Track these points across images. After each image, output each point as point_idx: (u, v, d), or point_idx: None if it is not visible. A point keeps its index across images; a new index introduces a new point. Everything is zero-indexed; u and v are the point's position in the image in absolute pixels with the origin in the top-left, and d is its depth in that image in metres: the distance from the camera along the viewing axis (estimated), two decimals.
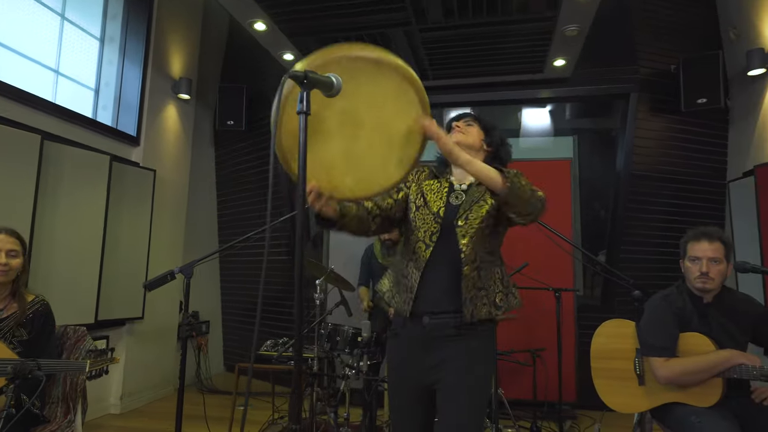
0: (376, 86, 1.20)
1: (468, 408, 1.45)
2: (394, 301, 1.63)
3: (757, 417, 2.03)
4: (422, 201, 1.61)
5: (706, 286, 2.11)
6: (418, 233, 1.57)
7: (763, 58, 3.69)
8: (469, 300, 1.49)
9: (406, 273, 1.58)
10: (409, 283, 1.54)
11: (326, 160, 1.26)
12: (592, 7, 2.98)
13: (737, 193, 4.00)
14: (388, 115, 1.25)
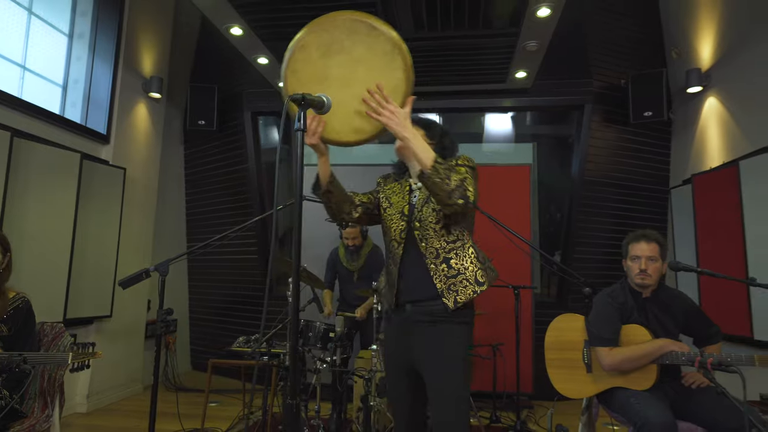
0: (370, 48, 1.36)
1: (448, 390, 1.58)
2: (385, 296, 1.82)
3: (685, 398, 2.30)
4: (388, 203, 1.78)
5: (644, 282, 2.37)
6: (390, 233, 1.74)
7: (701, 78, 4.06)
8: (446, 290, 1.61)
9: (390, 270, 1.76)
10: (392, 279, 1.72)
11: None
12: (550, 25, 3.23)
13: (678, 198, 4.37)
14: (377, 72, 1.38)
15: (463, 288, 1.62)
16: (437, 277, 1.63)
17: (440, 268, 1.63)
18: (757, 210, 3.30)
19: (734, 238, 3.44)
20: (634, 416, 2.17)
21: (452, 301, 1.61)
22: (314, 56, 1.39)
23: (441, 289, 1.61)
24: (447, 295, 1.61)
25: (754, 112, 3.49)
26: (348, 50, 1.35)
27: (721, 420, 2.13)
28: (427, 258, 1.64)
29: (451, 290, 1.61)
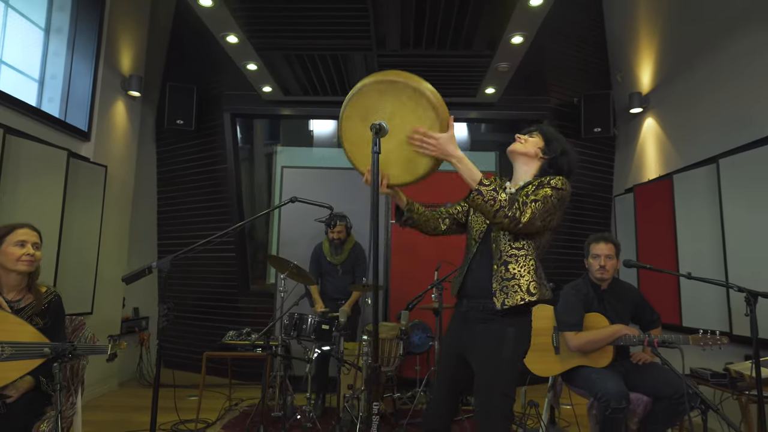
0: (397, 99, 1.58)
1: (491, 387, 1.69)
2: (453, 284, 1.97)
3: (634, 373, 2.76)
4: None
5: (603, 276, 2.82)
6: (472, 232, 1.92)
7: (641, 100, 4.66)
8: (499, 290, 1.71)
9: (462, 266, 1.93)
10: (461, 272, 1.90)
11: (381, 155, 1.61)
12: (521, 50, 3.65)
13: (621, 205, 4.97)
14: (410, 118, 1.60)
15: (513, 293, 1.69)
16: (495, 278, 1.74)
17: (500, 270, 1.74)
18: (687, 216, 3.89)
19: (668, 240, 4.03)
20: (595, 388, 2.59)
21: (500, 302, 1.70)
22: (357, 124, 1.62)
23: (495, 289, 1.72)
24: (498, 296, 1.71)
25: (685, 133, 4.09)
26: (382, 109, 1.57)
27: (662, 389, 2.61)
28: (493, 259, 1.77)
29: (502, 292, 1.71)
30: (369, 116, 1.59)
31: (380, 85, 1.57)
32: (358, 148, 1.67)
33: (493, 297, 1.72)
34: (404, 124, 1.60)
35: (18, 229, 2.08)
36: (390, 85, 1.56)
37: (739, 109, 3.44)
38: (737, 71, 3.48)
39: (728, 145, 3.44)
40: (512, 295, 1.69)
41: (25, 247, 2.07)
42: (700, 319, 3.58)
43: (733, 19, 3.51)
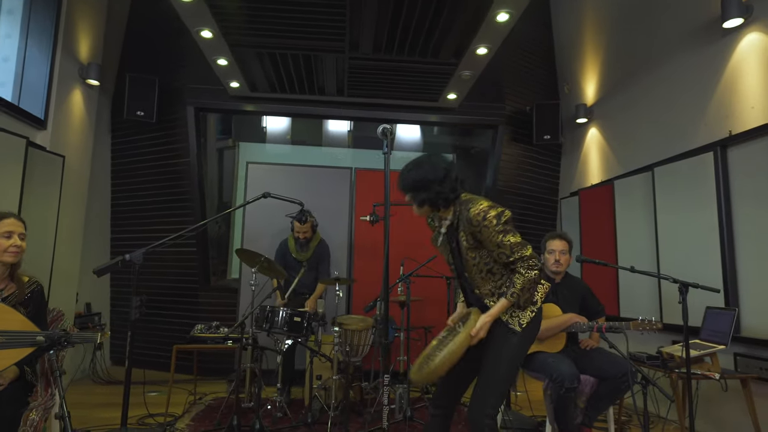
0: None
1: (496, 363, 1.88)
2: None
3: (582, 358, 3.07)
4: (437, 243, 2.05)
5: (558, 269, 3.12)
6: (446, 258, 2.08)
7: (586, 111, 5.10)
8: (510, 317, 1.88)
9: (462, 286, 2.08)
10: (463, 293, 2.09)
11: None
12: (485, 60, 3.93)
13: (566, 207, 5.40)
14: None
15: (522, 312, 1.88)
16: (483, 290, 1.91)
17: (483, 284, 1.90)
18: (625, 218, 4.33)
19: (609, 239, 4.45)
20: (551, 371, 2.88)
21: (517, 324, 1.86)
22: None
23: (506, 320, 1.87)
24: (512, 322, 1.86)
25: (625, 143, 4.54)
26: None
27: (607, 370, 2.94)
28: (484, 299, 1.90)
29: (513, 317, 1.86)
30: None
31: None
32: None
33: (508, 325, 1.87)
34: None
35: (4, 219, 2.05)
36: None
37: (673, 122, 3.89)
38: (671, 88, 3.93)
39: (662, 155, 3.88)
40: (522, 315, 1.88)
41: (11, 239, 2.05)
42: (635, 310, 4.01)
43: (668, 41, 3.95)
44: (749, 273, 3.14)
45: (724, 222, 3.27)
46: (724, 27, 3.33)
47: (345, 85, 4.55)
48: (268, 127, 6.46)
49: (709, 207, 3.38)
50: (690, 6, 3.72)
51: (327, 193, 4.82)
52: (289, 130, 6.50)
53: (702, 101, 3.59)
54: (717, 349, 2.85)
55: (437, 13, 3.26)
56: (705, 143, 3.49)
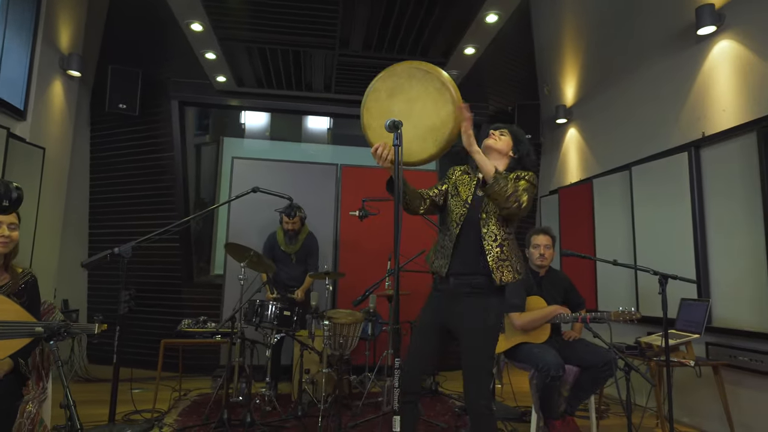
0: (425, 88, 1.79)
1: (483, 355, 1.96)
2: (435, 264, 2.14)
3: (565, 348, 3.19)
4: (455, 191, 2.12)
5: (543, 264, 3.23)
6: (452, 215, 2.10)
7: (566, 112, 5.26)
8: (496, 269, 1.94)
9: (444, 244, 2.10)
10: (446, 252, 2.07)
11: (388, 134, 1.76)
12: (473, 60, 4.02)
13: (546, 205, 5.56)
14: (430, 106, 1.81)
15: (508, 272, 1.98)
16: (491, 257, 1.96)
17: (495, 251, 1.97)
18: (604, 215, 4.50)
19: (588, 235, 4.61)
20: (537, 361, 2.98)
21: (499, 278, 1.95)
22: (383, 97, 1.82)
23: (492, 267, 1.95)
24: (496, 273, 1.95)
25: (602, 143, 4.71)
26: (407, 91, 1.79)
27: (589, 359, 3.06)
28: (485, 240, 1.97)
29: (499, 269, 1.96)
30: (395, 94, 1.79)
31: (412, 69, 1.79)
32: (375, 120, 1.83)
33: (491, 274, 1.95)
34: (424, 109, 1.80)
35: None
36: (421, 72, 1.78)
37: (648, 124, 4.07)
38: (647, 92, 4.11)
39: (639, 155, 4.05)
40: (507, 273, 1.97)
41: (0, 228, 2.01)
42: (612, 303, 4.17)
43: (645, 46, 4.13)
44: (720, 267, 3.33)
45: (698, 219, 3.45)
46: (698, 34, 3.51)
47: (333, 82, 4.58)
48: (246, 123, 6.42)
49: (683, 204, 3.56)
50: (666, 13, 3.90)
51: (313, 189, 4.84)
52: (268, 127, 6.48)
53: (677, 104, 3.76)
54: (692, 338, 3.02)
55: (429, 13, 3.33)
56: (679, 144, 3.66)
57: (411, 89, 1.80)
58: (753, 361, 2.99)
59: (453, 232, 2.05)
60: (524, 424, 3.34)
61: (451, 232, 2.06)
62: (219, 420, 3.09)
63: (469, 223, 2.04)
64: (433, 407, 3.76)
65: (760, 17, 3.12)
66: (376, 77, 1.85)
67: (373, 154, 1.84)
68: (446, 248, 2.07)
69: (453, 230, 2.05)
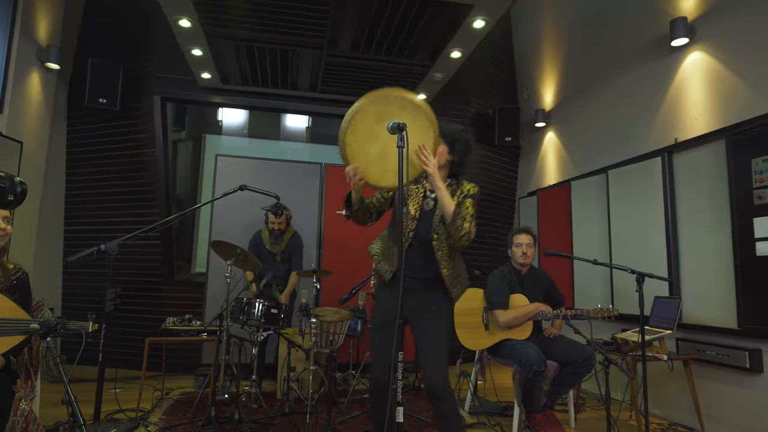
0: (414, 120, 1.83)
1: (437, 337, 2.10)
2: (380, 266, 2.22)
3: (546, 345, 3.31)
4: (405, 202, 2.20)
5: (525, 262, 3.35)
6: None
7: (544, 116, 5.42)
8: (452, 286, 2.13)
9: (393, 252, 2.18)
10: (393, 259, 2.16)
11: (370, 154, 1.88)
12: (458, 63, 4.11)
13: (524, 206, 5.71)
14: (414, 138, 1.86)
15: (461, 285, 2.16)
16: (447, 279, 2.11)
17: (449, 272, 2.12)
18: (581, 216, 4.66)
19: (565, 235, 4.78)
20: (520, 356, 3.09)
21: (456, 294, 2.14)
22: (370, 120, 1.84)
23: (448, 285, 2.11)
24: (452, 290, 2.13)
25: (579, 147, 4.88)
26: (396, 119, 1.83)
27: (569, 355, 3.19)
28: (441, 264, 2.10)
29: (454, 286, 2.14)
30: (382, 119, 1.83)
31: (404, 101, 1.83)
32: (357, 141, 1.87)
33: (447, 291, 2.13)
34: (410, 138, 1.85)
35: None
36: (412, 106, 1.84)
37: (623, 130, 4.24)
38: (622, 99, 4.28)
39: (615, 159, 4.23)
40: (460, 287, 2.16)
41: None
42: (589, 301, 4.33)
43: (621, 55, 4.30)
44: (690, 266, 3.51)
45: (670, 220, 3.63)
46: (672, 45, 3.69)
47: (319, 81, 4.60)
48: (224, 121, 6.37)
49: (656, 207, 3.73)
50: (642, 24, 4.07)
51: (296, 187, 4.85)
52: (246, 124, 6.44)
53: (651, 111, 3.94)
54: (665, 333, 3.18)
55: (418, 16, 3.40)
56: (654, 149, 3.84)
57: (400, 118, 1.82)
58: (720, 356, 3.17)
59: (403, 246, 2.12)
60: (506, 418, 3.45)
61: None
62: (206, 417, 3.08)
63: (420, 241, 2.13)
64: (417, 403, 3.83)
65: (729, 32, 3.31)
66: (364, 97, 1.85)
67: (346, 172, 1.90)
68: (394, 255, 2.15)
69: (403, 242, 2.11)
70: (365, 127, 1.88)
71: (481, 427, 3.29)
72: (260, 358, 3.94)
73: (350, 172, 1.89)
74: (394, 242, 2.19)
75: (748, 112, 3.12)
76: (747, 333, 3.02)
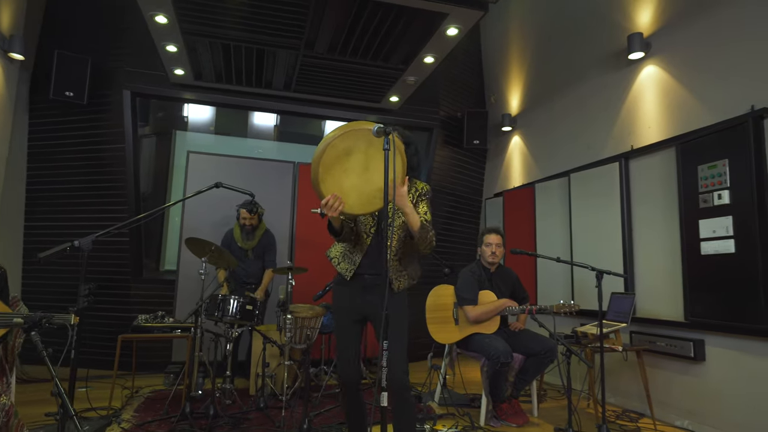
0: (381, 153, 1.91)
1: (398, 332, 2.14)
2: (340, 266, 2.30)
3: (512, 338, 3.50)
4: None
5: (494, 260, 3.52)
6: (361, 227, 2.26)
7: (511, 121, 5.65)
8: (395, 279, 2.19)
9: (353, 251, 2.27)
10: (354, 257, 2.25)
11: (345, 185, 1.92)
12: (431, 68, 4.26)
13: (490, 207, 5.93)
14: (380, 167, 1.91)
15: (403, 281, 2.22)
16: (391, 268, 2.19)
17: (394, 263, 2.20)
18: (544, 217, 4.90)
19: (529, 235, 5.01)
20: (488, 349, 3.26)
21: (396, 287, 2.19)
22: (340, 153, 1.86)
23: (391, 278, 2.17)
24: (395, 282, 2.20)
25: (543, 151, 5.13)
26: (364, 152, 1.88)
27: (533, 347, 3.39)
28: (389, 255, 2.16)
29: (396, 279, 2.20)
30: (351, 153, 1.89)
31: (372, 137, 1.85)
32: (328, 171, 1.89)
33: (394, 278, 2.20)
34: (376, 172, 1.91)
35: None
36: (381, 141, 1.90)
37: (585, 136, 4.50)
38: (583, 107, 4.54)
39: (577, 163, 4.48)
40: (403, 281, 2.22)
41: None
42: (551, 297, 4.57)
43: (583, 65, 4.56)
44: (643, 263, 3.78)
45: (626, 221, 3.89)
46: (629, 58, 3.95)
47: (293, 81, 4.65)
48: (190, 117, 6.31)
49: (614, 209, 3.99)
50: (602, 37, 4.34)
51: (269, 185, 4.87)
52: (213, 121, 6.40)
53: (610, 119, 4.21)
54: (621, 326, 3.42)
55: (394, 22, 3.51)
56: (612, 155, 4.10)
57: (368, 150, 1.87)
58: (669, 346, 3.44)
59: (364, 243, 2.21)
60: (474, 409, 3.61)
61: (362, 243, 2.21)
62: (181, 413, 3.10)
63: (378, 235, 2.23)
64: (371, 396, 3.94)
65: (680, 48, 3.59)
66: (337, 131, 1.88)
67: (323, 204, 1.92)
68: (355, 255, 2.24)
69: (364, 241, 2.21)
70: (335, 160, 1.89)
71: (451, 417, 3.44)
72: (234, 355, 3.95)
73: (332, 201, 1.90)
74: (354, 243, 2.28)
75: (696, 123, 3.40)
76: (692, 325, 3.30)
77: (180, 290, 4.59)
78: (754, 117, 2.97)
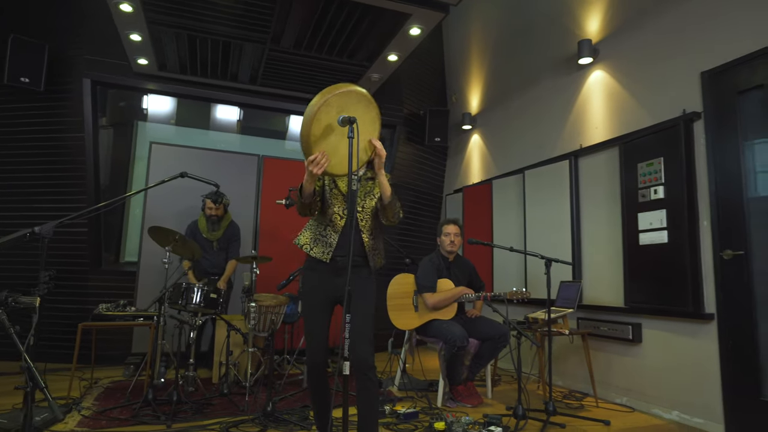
0: (365, 113, 2.05)
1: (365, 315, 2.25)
2: (314, 251, 2.34)
3: (468, 324, 3.69)
4: (334, 185, 2.36)
5: (452, 250, 3.71)
6: (333, 208, 2.34)
7: (471, 120, 5.88)
8: (370, 257, 2.27)
9: (326, 234, 2.32)
10: (329, 240, 2.31)
11: (327, 146, 2.05)
12: (394, 66, 4.41)
13: (450, 202, 6.15)
14: (364, 131, 2.07)
15: (379, 258, 2.34)
16: (367, 247, 2.27)
17: (369, 242, 2.29)
18: (501, 211, 5.15)
19: (487, 227, 5.25)
20: (446, 334, 3.44)
21: (372, 264, 2.29)
22: (333, 112, 2.00)
23: (368, 255, 2.27)
24: (371, 260, 2.28)
25: (500, 149, 5.38)
26: (353, 111, 2.00)
27: (488, 332, 3.59)
28: (363, 233, 2.27)
29: (372, 258, 2.29)
30: (343, 111, 2.04)
31: (360, 96, 2.04)
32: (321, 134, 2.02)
33: (368, 261, 2.29)
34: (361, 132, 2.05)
35: None
36: (367, 101, 2.06)
37: (538, 135, 4.76)
38: (537, 108, 4.81)
39: (531, 161, 4.74)
40: (378, 260, 2.34)
41: None
42: (506, 286, 4.81)
43: (537, 68, 4.82)
44: (589, 254, 4.06)
45: (575, 215, 4.17)
46: (579, 63, 4.22)
47: (259, 75, 4.70)
48: (150, 108, 6.22)
49: (564, 203, 4.26)
50: (555, 42, 4.61)
51: (233, 177, 4.90)
52: (174, 114, 6.33)
53: (561, 119, 4.48)
54: (568, 312, 3.67)
55: (359, 21, 3.63)
56: (563, 153, 4.38)
57: (356, 110, 2.04)
58: (610, 330, 3.72)
59: (338, 225, 2.28)
60: (432, 392, 3.79)
61: (335, 224, 2.29)
62: (144, 399, 3.13)
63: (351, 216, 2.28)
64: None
65: (624, 55, 3.88)
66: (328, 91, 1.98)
67: (310, 161, 2.01)
68: (329, 237, 2.31)
69: (337, 223, 2.28)
70: (328, 119, 2.04)
71: (410, 400, 3.60)
72: (197, 344, 3.98)
73: (320, 158, 2.01)
74: (323, 224, 2.34)
75: (637, 124, 3.69)
76: (631, 310, 3.59)
77: (141, 281, 4.56)
78: (685, 120, 3.27)
